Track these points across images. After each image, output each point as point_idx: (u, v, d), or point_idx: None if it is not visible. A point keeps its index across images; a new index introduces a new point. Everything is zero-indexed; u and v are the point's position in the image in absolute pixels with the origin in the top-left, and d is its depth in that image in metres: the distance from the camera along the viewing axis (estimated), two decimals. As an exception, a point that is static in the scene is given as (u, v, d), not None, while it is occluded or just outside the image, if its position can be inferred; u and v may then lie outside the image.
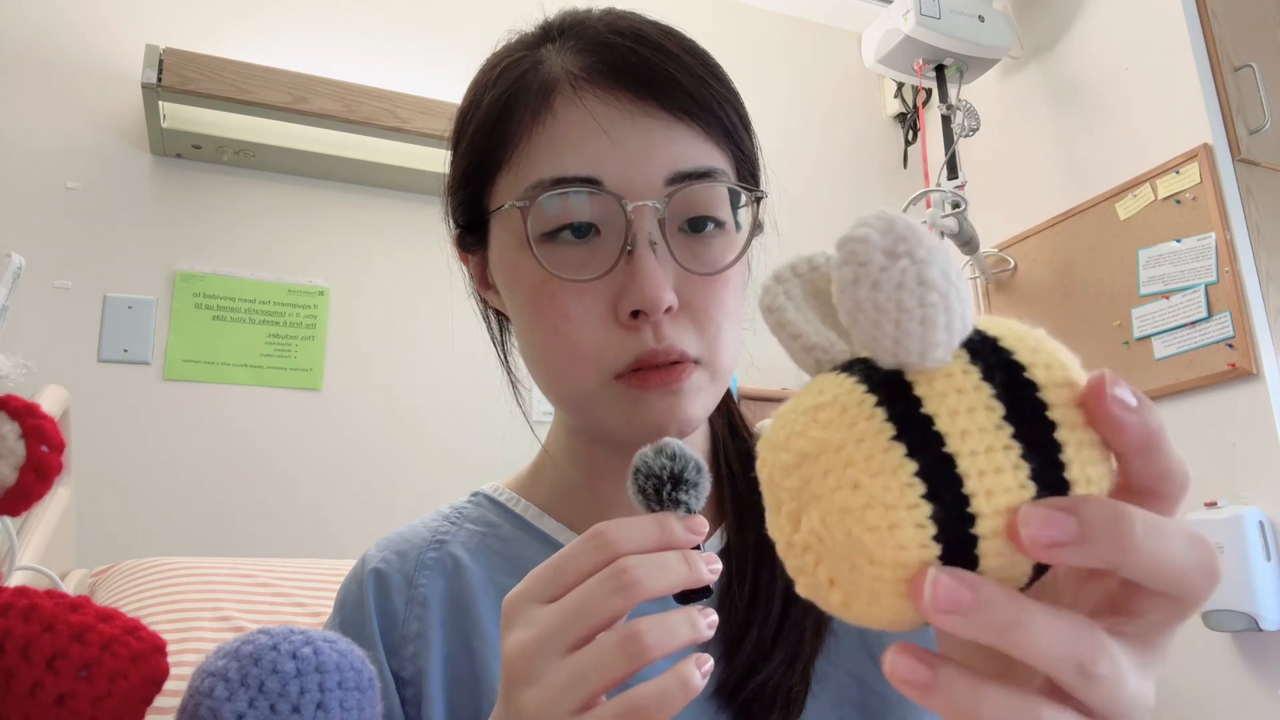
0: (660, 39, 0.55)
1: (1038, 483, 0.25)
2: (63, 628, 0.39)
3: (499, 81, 0.57)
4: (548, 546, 0.61)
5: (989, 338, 0.27)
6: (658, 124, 0.53)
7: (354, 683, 0.42)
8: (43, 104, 1.73)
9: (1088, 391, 0.26)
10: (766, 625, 0.55)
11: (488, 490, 0.68)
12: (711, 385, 0.55)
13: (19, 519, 1.04)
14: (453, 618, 0.59)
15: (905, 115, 2.60)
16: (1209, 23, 1.99)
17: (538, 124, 0.53)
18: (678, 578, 0.38)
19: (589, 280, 0.52)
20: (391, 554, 0.64)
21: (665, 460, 0.41)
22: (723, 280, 0.55)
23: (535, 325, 0.55)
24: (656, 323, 0.51)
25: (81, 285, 1.69)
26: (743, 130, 0.58)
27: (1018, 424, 0.25)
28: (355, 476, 1.80)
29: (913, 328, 0.25)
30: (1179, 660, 1.83)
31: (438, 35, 2.09)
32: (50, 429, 0.42)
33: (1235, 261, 1.83)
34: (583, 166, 0.52)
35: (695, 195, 0.53)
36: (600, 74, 0.53)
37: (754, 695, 0.53)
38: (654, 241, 0.51)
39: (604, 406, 0.54)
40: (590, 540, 0.39)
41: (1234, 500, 1.78)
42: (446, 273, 0.69)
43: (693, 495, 0.41)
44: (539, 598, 0.40)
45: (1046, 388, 0.26)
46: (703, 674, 0.37)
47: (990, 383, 0.26)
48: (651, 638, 0.36)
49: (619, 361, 0.52)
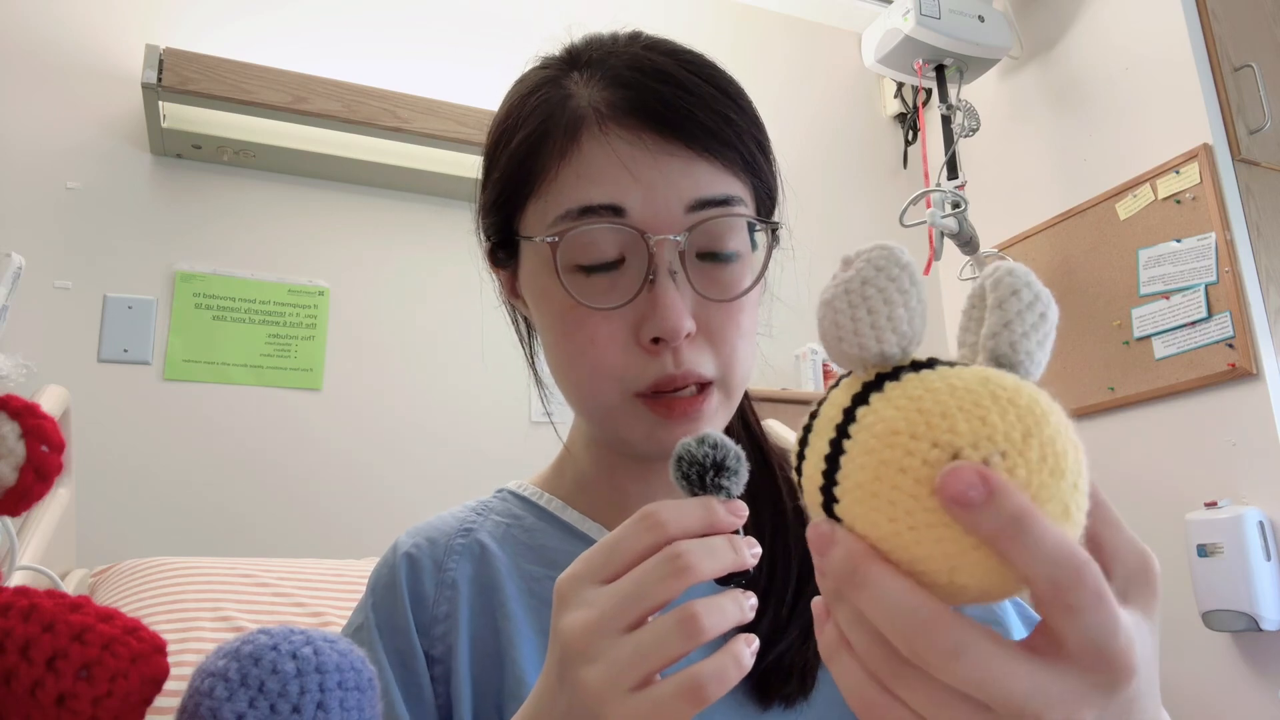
0: (683, 76, 0.57)
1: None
2: (63, 628, 0.39)
3: (530, 117, 0.60)
4: (570, 536, 0.65)
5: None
6: (678, 161, 0.56)
7: (354, 683, 0.42)
8: (43, 104, 1.73)
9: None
10: (782, 603, 0.59)
11: (512, 486, 0.72)
12: (726, 402, 0.60)
13: (19, 519, 1.04)
14: (480, 600, 0.62)
15: (905, 115, 2.60)
16: (1209, 23, 1.99)
17: (565, 160, 0.57)
18: (726, 561, 0.41)
19: (613, 309, 0.56)
20: (423, 540, 0.67)
21: (708, 449, 0.43)
22: (739, 304, 0.59)
23: (562, 346, 0.59)
24: (676, 348, 0.56)
25: (81, 285, 1.69)
26: (761, 159, 0.61)
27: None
28: (355, 476, 1.80)
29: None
30: (1179, 660, 1.83)
31: (438, 35, 2.09)
32: (50, 429, 0.42)
33: (1235, 261, 1.83)
34: (607, 197, 0.55)
35: (714, 227, 0.57)
36: (624, 112, 0.56)
37: (771, 668, 0.57)
38: (674, 271, 0.55)
39: (626, 421, 0.58)
40: (641, 522, 0.42)
41: (1234, 500, 1.78)
42: (447, 274, 0.70)
43: (734, 481, 0.44)
44: (594, 578, 0.42)
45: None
46: (751, 653, 0.40)
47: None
48: (708, 619, 0.39)
49: (640, 382, 0.56)
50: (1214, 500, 1.79)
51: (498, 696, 0.59)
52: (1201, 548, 1.76)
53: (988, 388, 0.30)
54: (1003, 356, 0.32)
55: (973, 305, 0.35)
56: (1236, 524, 1.71)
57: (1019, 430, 0.29)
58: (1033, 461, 0.29)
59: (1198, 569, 1.76)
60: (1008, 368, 0.32)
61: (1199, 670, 1.80)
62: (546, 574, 0.63)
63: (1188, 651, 1.82)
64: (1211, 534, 1.75)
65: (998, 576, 0.29)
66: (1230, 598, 1.70)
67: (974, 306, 0.35)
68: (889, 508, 0.30)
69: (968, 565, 0.29)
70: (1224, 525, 1.73)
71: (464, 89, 1.90)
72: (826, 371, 2.16)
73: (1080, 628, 0.28)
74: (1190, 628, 1.79)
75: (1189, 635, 1.81)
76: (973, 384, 0.30)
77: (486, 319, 0.74)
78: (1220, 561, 1.72)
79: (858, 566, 0.30)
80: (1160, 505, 1.90)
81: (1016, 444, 0.29)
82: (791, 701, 0.57)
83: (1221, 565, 1.72)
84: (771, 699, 0.57)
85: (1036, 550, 0.28)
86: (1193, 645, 1.81)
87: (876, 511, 0.30)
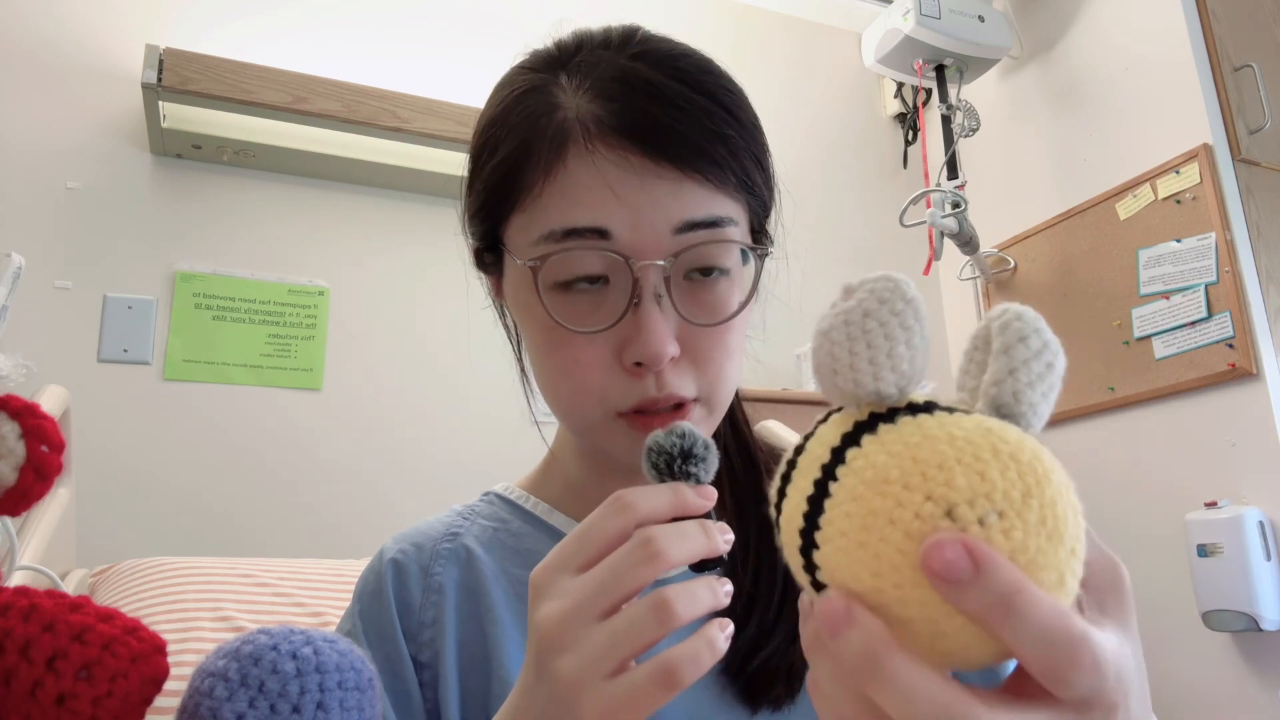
0: (675, 89, 0.55)
1: None
2: (63, 628, 0.39)
3: (516, 128, 0.57)
4: (557, 539, 0.65)
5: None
6: (666, 184, 0.54)
7: (354, 683, 0.42)
8: (43, 104, 1.73)
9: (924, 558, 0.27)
10: (769, 607, 0.59)
11: (499, 490, 0.72)
12: (709, 417, 0.59)
13: (19, 519, 1.04)
14: (466, 604, 0.62)
15: (905, 115, 2.60)
16: (1209, 23, 1.99)
17: (550, 177, 0.55)
18: (698, 547, 0.41)
19: (596, 332, 0.55)
20: (408, 545, 0.67)
21: (675, 438, 0.44)
22: (726, 325, 0.57)
23: (545, 362, 0.59)
24: (659, 371, 0.55)
25: (81, 285, 1.69)
26: (757, 173, 0.58)
27: None
28: (355, 476, 1.80)
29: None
30: (1179, 660, 1.83)
31: (438, 35, 2.09)
32: (50, 429, 0.42)
33: (1235, 261, 1.83)
34: (592, 220, 0.54)
35: (701, 248, 0.55)
36: (611, 130, 0.54)
37: (758, 671, 0.57)
38: (659, 295, 0.54)
39: (607, 437, 0.58)
40: (611, 506, 0.42)
41: (1234, 500, 1.78)
42: (447, 274, 0.70)
43: (701, 468, 0.44)
44: (568, 568, 0.42)
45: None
46: (725, 637, 0.40)
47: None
48: (680, 604, 0.39)
49: (622, 404, 0.56)
50: (1214, 500, 1.79)
51: (485, 700, 0.59)
52: (1201, 548, 1.76)
53: (989, 440, 0.28)
54: (1004, 406, 0.30)
55: (975, 347, 0.33)
56: (1236, 524, 1.71)
57: (1019, 489, 0.27)
58: (1031, 524, 0.27)
59: (1198, 569, 1.76)
60: (1009, 418, 0.30)
61: (1199, 670, 1.80)
62: None
63: (1188, 651, 1.82)
64: (1211, 534, 1.75)
65: (985, 646, 0.28)
66: (1230, 598, 1.70)
67: (976, 349, 0.33)
68: (873, 561, 0.28)
69: (953, 631, 0.28)
70: (1224, 525, 1.73)
71: (464, 89, 1.90)
72: (826, 371, 2.15)
73: (1075, 690, 0.27)
74: (1190, 628, 1.79)
75: (1189, 635, 1.81)
76: (974, 435, 0.29)
77: (473, 319, 0.73)
78: (1220, 561, 1.72)
79: (879, 657, 0.27)
80: (1160, 505, 1.90)
81: (1015, 504, 0.27)
82: (779, 704, 0.57)
83: (1221, 565, 1.72)
84: (759, 702, 0.57)
85: (1027, 629, 0.26)
86: (1193, 645, 1.81)
87: (860, 564, 0.28)
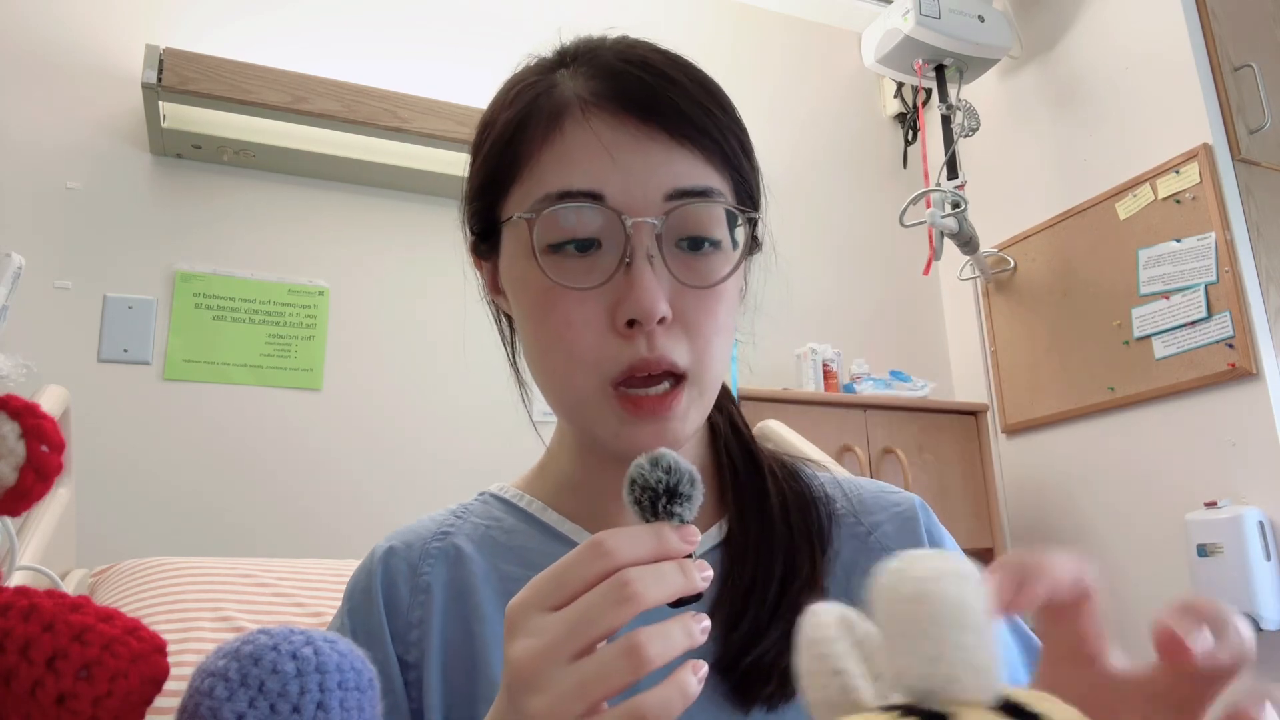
0: (667, 68, 0.58)
1: None
2: (63, 628, 0.39)
3: (514, 103, 0.60)
4: (549, 537, 0.65)
5: (1021, 704, 0.27)
6: (659, 146, 0.56)
7: (354, 683, 0.41)
8: (43, 104, 1.73)
9: (1165, 645, 0.28)
10: (764, 606, 0.59)
11: (494, 489, 0.72)
12: (700, 400, 0.59)
13: (19, 519, 1.04)
14: (454, 604, 0.62)
15: (905, 115, 2.60)
16: (1209, 23, 1.99)
17: (547, 143, 0.57)
18: (675, 587, 0.40)
19: (589, 289, 0.56)
20: (399, 544, 0.67)
21: (661, 474, 0.42)
22: (716, 295, 0.58)
23: (539, 332, 0.59)
24: (650, 332, 0.55)
25: (81, 285, 1.69)
26: (743, 157, 0.61)
27: None
28: (355, 476, 1.80)
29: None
30: (1179, 660, 1.82)
31: (438, 35, 2.09)
32: (50, 429, 0.42)
33: (1235, 261, 1.83)
34: (587, 182, 0.55)
35: (692, 214, 0.56)
36: (608, 99, 0.57)
37: (751, 669, 0.56)
38: (651, 255, 0.55)
39: (597, 415, 0.57)
40: (590, 550, 0.41)
41: (1234, 500, 1.78)
42: (447, 274, 0.70)
43: (686, 508, 0.43)
44: (543, 605, 0.41)
45: None
46: (699, 679, 0.39)
47: None
48: (652, 648, 0.38)
49: (614, 368, 0.56)
50: (1214, 500, 1.79)
51: (471, 699, 0.58)
52: (1201, 548, 1.76)
53: None
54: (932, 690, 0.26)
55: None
56: (1236, 524, 1.71)
57: None
58: None
59: (1198, 569, 1.76)
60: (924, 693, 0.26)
61: (1199, 670, 1.80)
62: (524, 575, 0.62)
63: (1188, 651, 1.82)
64: (1211, 534, 1.75)
65: None
66: (1230, 598, 1.70)
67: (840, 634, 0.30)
68: None
69: None
70: (1224, 525, 1.73)
71: (464, 89, 1.90)
72: (827, 371, 2.16)
73: None
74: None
75: (1189, 635, 1.81)
76: None
77: (473, 319, 0.74)
78: (1220, 561, 1.72)
79: None
80: (1160, 505, 1.90)
81: None
82: (773, 703, 0.56)
83: (1221, 565, 1.72)
84: (752, 701, 0.56)
85: None
86: (1193, 645, 1.81)
87: None
